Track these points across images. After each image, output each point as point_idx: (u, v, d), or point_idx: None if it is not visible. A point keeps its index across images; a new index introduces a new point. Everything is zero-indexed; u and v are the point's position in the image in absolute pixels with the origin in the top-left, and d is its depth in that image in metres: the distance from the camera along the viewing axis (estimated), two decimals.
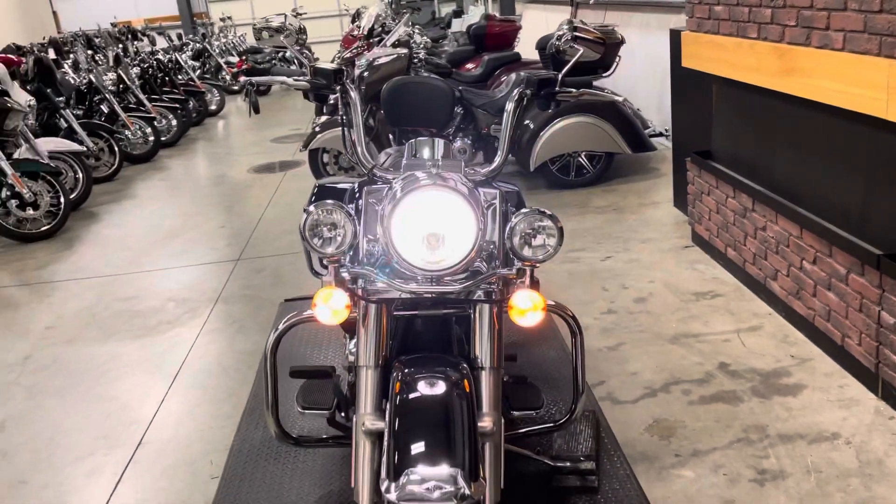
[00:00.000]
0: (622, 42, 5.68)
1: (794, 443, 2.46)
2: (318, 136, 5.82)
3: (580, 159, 5.62)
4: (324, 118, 5.99)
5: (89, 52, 10.89)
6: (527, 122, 5.53)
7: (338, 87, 1.92)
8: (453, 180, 1.56)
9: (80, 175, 6.50)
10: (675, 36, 4.29)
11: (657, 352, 3.12)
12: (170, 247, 5.23)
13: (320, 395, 1.99)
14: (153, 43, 12.70)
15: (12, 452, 2.86)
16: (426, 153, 1.95)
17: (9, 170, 5.50)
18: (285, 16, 2.82)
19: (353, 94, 1.90)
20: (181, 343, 3.67)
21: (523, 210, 1.59)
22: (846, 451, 2.40)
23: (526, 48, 8.05)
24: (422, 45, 6.14)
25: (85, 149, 6.75)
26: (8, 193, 5.51)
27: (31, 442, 2.92)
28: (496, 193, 1.82)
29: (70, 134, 7.11)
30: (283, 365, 2.10)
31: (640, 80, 7.11)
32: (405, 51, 5.62)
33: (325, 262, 1.62)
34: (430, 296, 1.61)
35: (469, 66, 8.25)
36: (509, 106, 1.89)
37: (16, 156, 5.83)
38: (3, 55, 9.62)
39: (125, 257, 5.09)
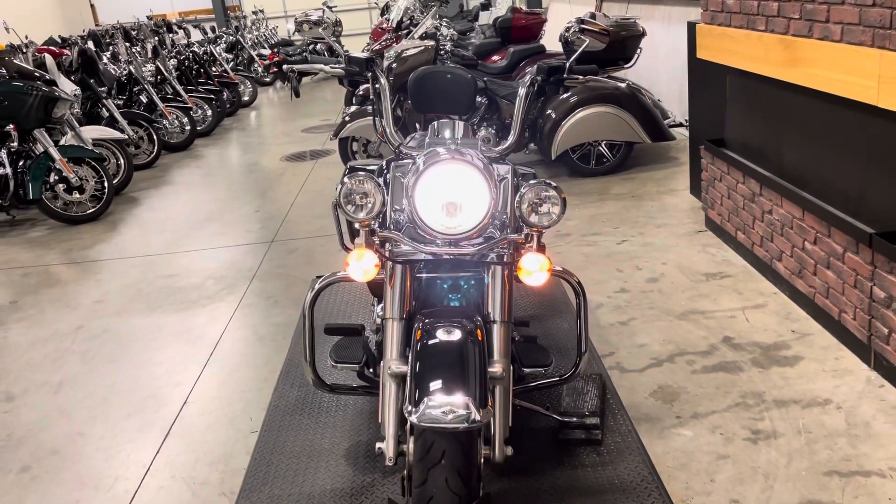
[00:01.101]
0: (643, 34, 5.85)
1: (788, 407, 2.65)
2: (348, 125, 6.07)
3: (601, 148, 5.80)
4: (353, 108, 6.24)
5: (127, 44, 11.27)
6: (549, 111, 5.72)
7: (369, 74, 2.14)
8: (470, 155, 1.78)
9: (122, 162, 6.83)
10: (692, 28, 4.46)
11: (665, 327, 3.32)
12: (207, 229, 5.51)
13: (351, 350, 2.22)
14: (188, 35, 13.07)
15: (70, 409, 3.14)
16: (447, 133, 2.17)
17: (57, 155, 5.82)
18: (324, 10, 3.08)
19: (383, 81, 2.13)
20: (220, 316, 3.94)
21: (531, 181, 1.81)
22: (836, 414, 2.58)
23: (551, 41, 8.23)
24: (448, 38, 6.36)
25: (126, 137, 7.07)
26: (56, 178, 5.84)
27: (86, 400, 3.20)
28: (508, 168, 2.04)
29: (112, 123, 7.45)
30: (317, 327, 2.35)
31: (662, 71, 7.26)
32: (432, 43, 5.84)
33: (356, 226, 1.85)
34: (448, 257, 1.83)
35: (495, 57, 8.44)
36: (521, 91, 2.10)
37: (62, 142, 6.17)
38: (46, 47, 10.03)
39: (165, 238, 5.38)
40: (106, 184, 6.11)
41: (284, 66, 2.59)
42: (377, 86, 2.12)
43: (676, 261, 4.01)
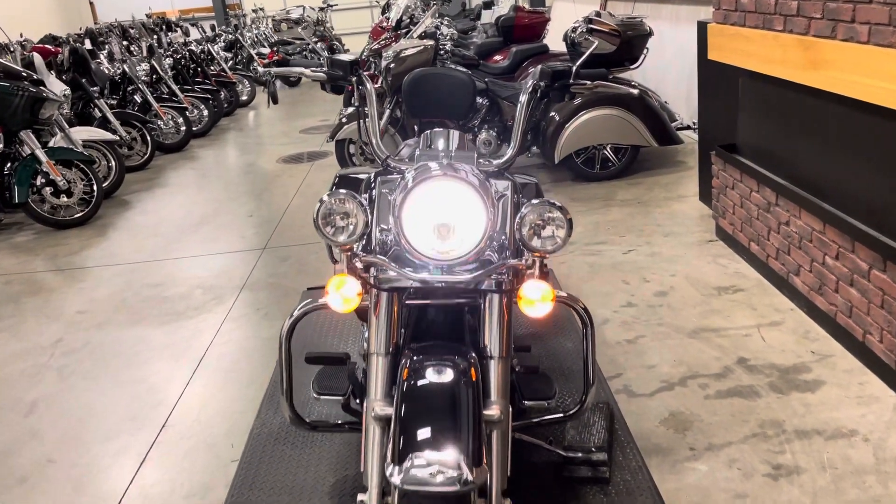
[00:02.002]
0: (650, 34, 5.64)
1: (811, 439, 2.45)
2: (345, 126, 5.88)
3: (605, 152, 5.60)
4: (350, 109, 6.04)
5: (124, 42, 11.08)
6: (552, 114, 5.53)
7: (353, 78, 1.95)
8: (464, 171, 1.58)
9: (113, 164, 6.64)
10: (702, 28, 4.26)
11: (676, 346, 3.12)
12: (199, 235, 5.32)
13: (336, 381, 2.03)
14: (186, 34, 12.88)
15: (43, 432, 2.95)
16: (440, 144, 1.98)
17: (44, 157, 5.63)
18: (304, 7, 2.80)
19: (369, 86, 1.93)
20: (207, 329, 3.75)
21: (533, 201, 1.61)
22: (863, 447, 2.38)
23: (555, 40, 8.03)
24: (448, 37, 6.16)
25: (118, 138, 6.88)
26: (43, 181, 5.65)
27: (60, 422, 3.02)
28: (508, 185, 1.84)
29: (104, 123, 7.26)
30: (302, 351, 2.15)
31: (669, 72, 7.05)
32: (431, 42, 5.64)
33: (336, 250, 1.66)
34: (440, 285, 1.64)
35: (497, 57, 8.24)
36: (523, 97, 1.91)
37: (51, 144, 5.98)
38: (40, 45, 9.85)
39: (155, 244, 5.19)
40: (95, 187, 5.92)
41: (261, 69, 2.37)
42: (362, 90, 1.93)
43: (686, 272, 3.81)
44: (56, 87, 6.46)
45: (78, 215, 5.79)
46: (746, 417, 2.60)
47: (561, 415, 2.05)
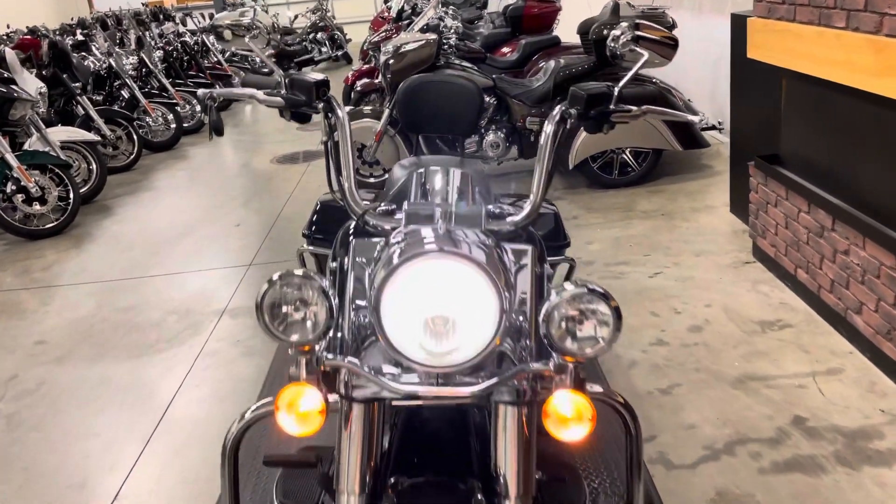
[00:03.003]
0: (673, 26, 5.14)
1: None
2: None
3: (624, 155, 5.13)
4: (347, 108, 5.56)
5: (118, 34, 10.60)
6: None
7: (320, 105, 1.49)
8: (468, 243, 1.13)
9: (94, 166, 6.19)
10: (739, 21, 3.77)
11: (718, 398, 2.66)
12: (181, 247, 4.88)
13: (304, 485, 1.59)
14: (184, 24, 12.39)
15: None
16: (437, 188, 1.51)
17: (14, 162, 5.19)
18: (254, 9, 2.13)
19: (341, 114, 1.47)
20: (178, 365, 3.31)
21: (565, 287, 1.15)
22: None
23: (566, 31, 7.53)
24: (452, 30, 5.67)
25: (99, 139, 6.42)
26: (14, 188, 5.21)
27: None
28: (529, 251, 1.38)
29: (87, 121, 6.82)
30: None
31: (691, 67, 6.54)
32: (434, 36, 5.17)
33: (290, 351, 1.21)
34: (433, 399, 1.19)
35: (504, 50, 7.74)
36: (548, 128, 1.44)
37: (26, 146, 5.54)
38: (28, 37, 9.40)
39: (133, 258, 4.75)
40: (71, 193, 5.48)
41: (200, 92, 1.85)
42: (332, 119, 1.47)
43: (723, 302, 3.35)
44: (30, 84, 6.02)
45: (51, 225, 5.35)
46: (810, 500, 2.14)
47: None
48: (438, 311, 1.11)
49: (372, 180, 5.65)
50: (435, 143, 5.27)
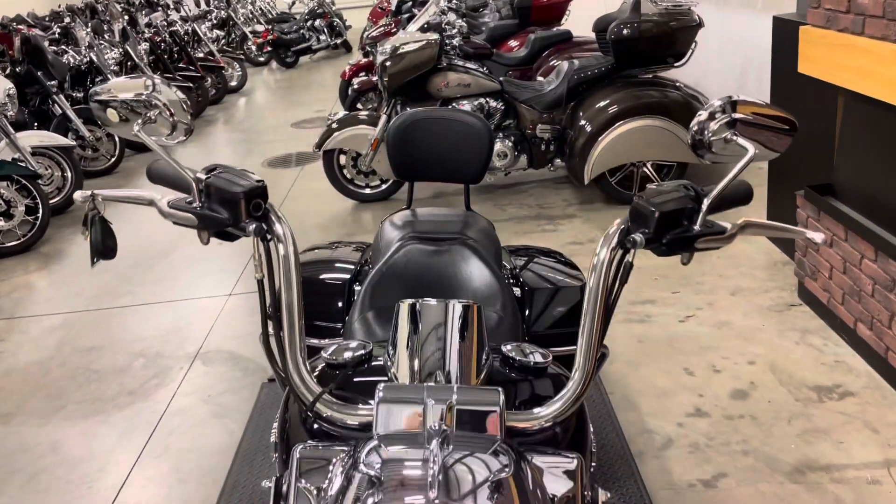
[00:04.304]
0: (699, 25, 4.66)
1: None
2: (335, 134, 4.94)
3: (646, 169, 4.66)
4: (341, 113, 5.10)
5: (104, 24, 10.09)
6: (581, 122, 4.58)
7: (251, 226, 1.02)
8: (477, 493, 0.67)
9: (69, 173, 5.74)
10: (785, 27, 3.29)
11: (774, 496, 2.21)
12: (156, 270, 4.43)
13: None
14: (177, 10, 11.85)
15: None
16: (429, 331, 1.04)
17: None
18: (154, 84, 1.36)
19: (283, 232, 1.01)
20: (137, 429, 2.87)
21: None
22: None
23: (577, 23, 7.03)
24: (457, 29, 5.17)
25: (74, 143, 5.95)
26: None
27: None
28: (574, 465, 0.91)
29: (64, 121, 6.35)
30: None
31: (714, 68, 6.04)
32: (436, 37, 4.68)
33: None
34: None
35: (512, 44, 7.25)
36: (601, 254, 0.97)
37: None
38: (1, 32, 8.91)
39: (101, 284, 4.30)
40: (41, 207, 5.02)
41: (77, 195, 1.28)
42: (267, 248, 0.99)
43: (769, 358, 2.89)
44: None
45: (14, 243, 4.89)
46: None
47: None
48: None
49: (368, 191, 5.19)
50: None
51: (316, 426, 0.96)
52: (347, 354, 1.03)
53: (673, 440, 2.49)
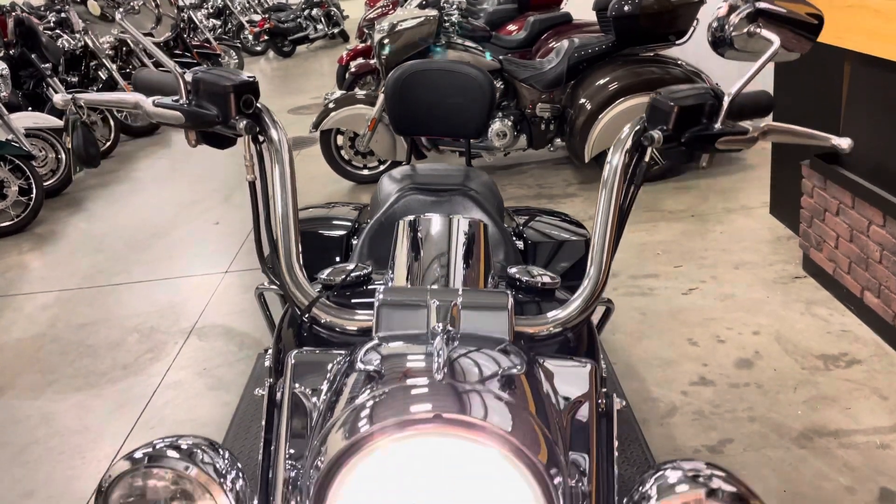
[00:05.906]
0: (702, 1, 4.60)
1: None
2: (332, 114, 4.88)
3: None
4: (338, 93, 5.04)
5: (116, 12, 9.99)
6: (582, 100, 4.52)
7: (242, 123, 0.97)
8: (485, 396, 0.62)
9: (63, 155, 5.67)
10: None
11: (782, 462, 2.16)
12: (151, 250, 4.37)
13: None
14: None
15: None
16: (433, 246, 0.99)
17: None
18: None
19: (278, 136, 0.95)
20: (130, 403, 2.82)
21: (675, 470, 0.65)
22: None
23: (575, 9, 6.96)
24: (455, 6, 5.11)
25: None
26: None
27: None
28: (587, 371, 0.86)
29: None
30: None
31: None
32: (434, 13, 4.63)
33: None
34: None
35: (511, 27, 7.18)
36: (614, 159, 0.92)
37: None
38: None
39: (96, 263, 4.24)
40: (34, 187, 4.96)
41: (58, 98, 1.14)
42: (258, 150, 0.93)
43: (773, 328, 2.84)
44: None
45: (8, 223, 4.83)
46: None
47: None
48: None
49: (366, 172, 5.14)
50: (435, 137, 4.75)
51: (314, 333, 0.91)
52: (344, 275, 0.98)
53: (678, 408, 2.44)
